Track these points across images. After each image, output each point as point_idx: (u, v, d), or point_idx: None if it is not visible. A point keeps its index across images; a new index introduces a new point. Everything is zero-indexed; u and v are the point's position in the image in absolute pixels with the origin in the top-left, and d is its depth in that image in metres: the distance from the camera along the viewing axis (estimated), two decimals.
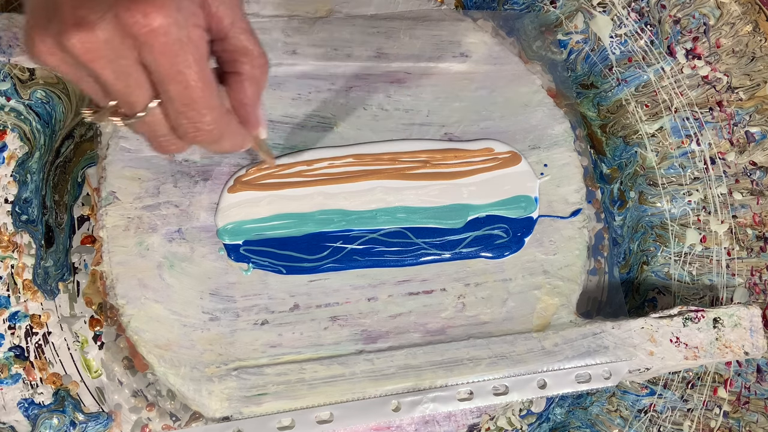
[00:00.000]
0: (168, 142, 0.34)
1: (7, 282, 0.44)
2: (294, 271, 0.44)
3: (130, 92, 0.31)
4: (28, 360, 0.44)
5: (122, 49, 0.29)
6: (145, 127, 0.34)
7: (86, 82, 0.32)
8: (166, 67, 0.30)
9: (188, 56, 0.30)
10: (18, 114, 0.46)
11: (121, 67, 0.30)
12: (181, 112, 0.32)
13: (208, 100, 0.32)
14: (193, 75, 0.31)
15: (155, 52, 0.29)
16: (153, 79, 0.31)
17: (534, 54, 0.54)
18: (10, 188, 0.45)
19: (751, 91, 0.55)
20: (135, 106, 0.32)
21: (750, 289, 0.53)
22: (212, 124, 0.33)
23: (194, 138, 0.33)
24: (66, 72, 0.31)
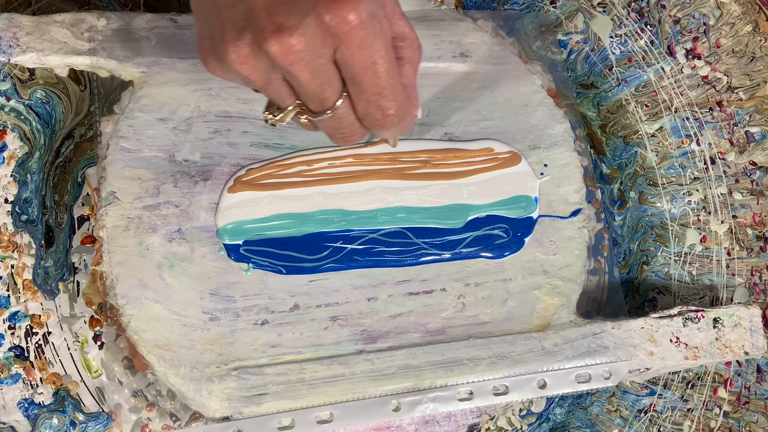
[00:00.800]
0: (352, 132, 0.37)
1: (7, 282, 0.44)
2: (294, 271, 0.44)
3: (323, 89, 0.33)
4: (28, 360, 0.44)
5: (321, 48, 0.31)
6: (332, 122, 0.36)
7: (274, 85, 0.34)
8: (362, 59, 0.32)
9: (380, 46, 0.32)
10: (18, 114, 0.46)
11: (318, 66, 0.32)
12: (371, 101, 0.34)
13: (395, 86, 0.34)
14: (384, 64, 0.33)
15: (353, 46, 0.31)
16: (343, 73, 0.33)
17: (534, 54, 0.54)
18: (10, 188, 0.45)
19: (751, 91, 0.55)
20: (326, 102, 0.34)
21: (750, 289, 0.53)
22: (398, 108, 0.35)
23: (382, 124, 0.35)
24: (255, 79, 0.33)
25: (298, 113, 0.36)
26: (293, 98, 0.35)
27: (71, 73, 0.47)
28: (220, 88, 0.45)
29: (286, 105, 0.35)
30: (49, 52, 0.43)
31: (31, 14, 0.44)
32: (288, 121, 0.36)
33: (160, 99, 0.45)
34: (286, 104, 0.35)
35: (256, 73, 0.33)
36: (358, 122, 0.36)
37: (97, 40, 0.44)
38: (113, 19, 0.45)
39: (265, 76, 0.33)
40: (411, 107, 0.36)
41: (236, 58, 0.32)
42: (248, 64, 0.32)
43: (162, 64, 0.45)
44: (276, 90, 0.34)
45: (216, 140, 0.45)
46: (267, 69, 0.32)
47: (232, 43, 0.32)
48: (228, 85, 0.46)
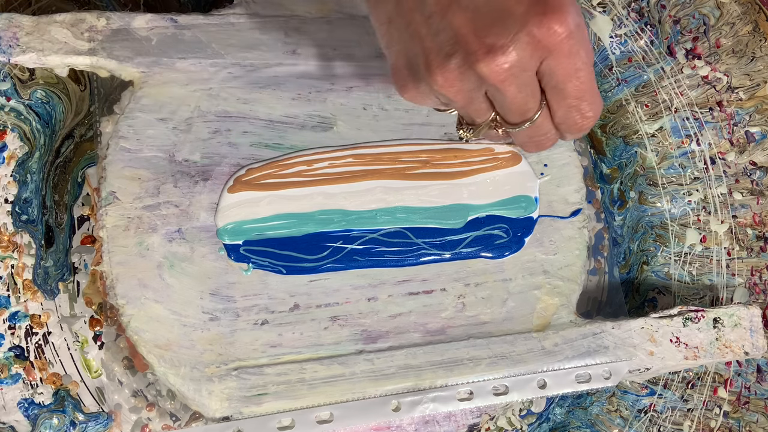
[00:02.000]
0: (547, 138, 0.38)
1: (7, 282, 0.44)
2: (294, 271, 0.44)
3: (527, 101, 0.34)
4: (28, 360, 0.44)
5: (530, 62, 0.32)
6: (530, 131, 0.37)
7: (476, 103, 0.35)
8: (568, 68, 0.33)
9: (584, 53, 0.33)
10: (18, 114, 0.46)
11: (524, 80, 0.33)
12: (573, 106, 0.35)
13: (594, 89, 0.35)
14: (586, 70, 0.34)
15: (561, 56, 0.32)
16: (545, 83, 0.34)
17: None
18: (10, 188, 0.45)
19: (751, 91, 0.55)
20: (528, 113, 0.35)
21: (750, 289, 0.53)
22: (596, 110, 0.36)
23: (581, 127, 0.36)
24: (458, 99, 0.34)
25: (493, 126, 0.37)
26: (490, 113, 0.36)
27: (71, 73, 0.47)
28: (220, 88, 0.45)
29: (483, 119, 0.37)
30: (49, 52, 0.43)
31: (31, 14, 0.44)
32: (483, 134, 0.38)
33: (160, 99, 0.45)
34: (483, 119, 0.37)
35: (460, 95, 0.34)
36: (554, 128, 0.37)
37: (97, 40, 0.44)
38: (113, 19, 0.45)
39: (468, 96, 0.34)
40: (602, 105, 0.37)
41: (444, 82, 0.33)
42: (455, 86, 0.33)
43: (162, 64, 0.45)
44: (476, 108, 0.35)
45: (216, 140, 0.45)
46: (472, 89, 0.34)
47: (439, 69, 0.33)
48: (228, 85, 0.46)
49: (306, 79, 0.47)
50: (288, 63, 0.47)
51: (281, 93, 0.46)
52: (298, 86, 0.47)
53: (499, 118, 0.37)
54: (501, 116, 0.37)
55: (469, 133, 0.39)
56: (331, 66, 0.47)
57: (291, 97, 0.47)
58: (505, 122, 0.37)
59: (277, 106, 0.46)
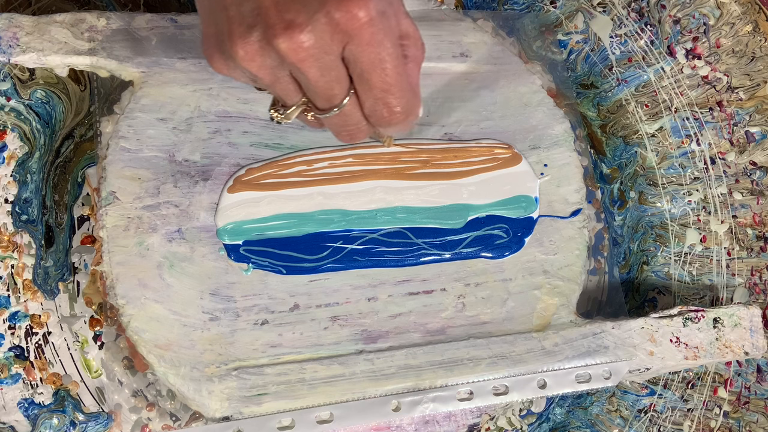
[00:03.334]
0: (358, 129, 0.37)
1: (7, 282, 0.44)
2: (294, 271, 0.44)
3: (331, 86, 0.33)
4: (28, 360, 0.44)
5: (330, 45, 0.31)
6: (339, 119, 0.36)
7: (282, 83, 0.34)
8: (371, 56, 0.32)
9: (389, 43, 0.32)
10: (18, 114, 0.46)
11: (326, 63, 0.32)
12: (379, 98, 0.34)
13: (402, 83, 0.34)
14: (392, 61, 0.33)
15: (363, 43, 0.31)
16: (351, 70, 0.33)
17: (534, 54, 0.54)
18: (10, 188, 0.45)
19: (751, 91, 0.55)
20: (334, 99, 0.34)
21: (750, 289, 0.53)
22: (405, 105, 0.35)
23: (389, 121, 0.36)
24: (262, 76, 0.33)
25: (304, 111, 0.36)
26: (300, 96, 0.35)
27: (71, 73, 0.47)
28: (220, 88, 0.45)
29: (293, 102, 0.35)
30: (49, 52, 0.43)
31: (31, 14, 0.44)
32: (293, 119, 0.36)
33: (160, 99, 0.45)
34: (292, 102, 0.35)
35: (263, 71, 0.33)
36: (364, 119, 0.36)
37: (97, 40, 0.44)
38: (113, 19, 0.45)
39: (272, 73, 0.33)
40: (416, 105, 0.37)
41: (244, 55, 0.32)
42: (256, 61, 0.32)
43: (162, 64, 0.45)
44: (283, 87, 0.34)
45: (216, 140, 0.45)
46: (275, 66, 0.33)
47: (240, 40, 0.32)
48: (228, 85, 0.46)
49: None
50: None
51: None
52: None
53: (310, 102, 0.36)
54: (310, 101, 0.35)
55: (280, 115, 0.37)
56: None
57: None
58: (315, 107, 0.36)
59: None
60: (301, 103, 0.35)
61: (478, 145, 0.48)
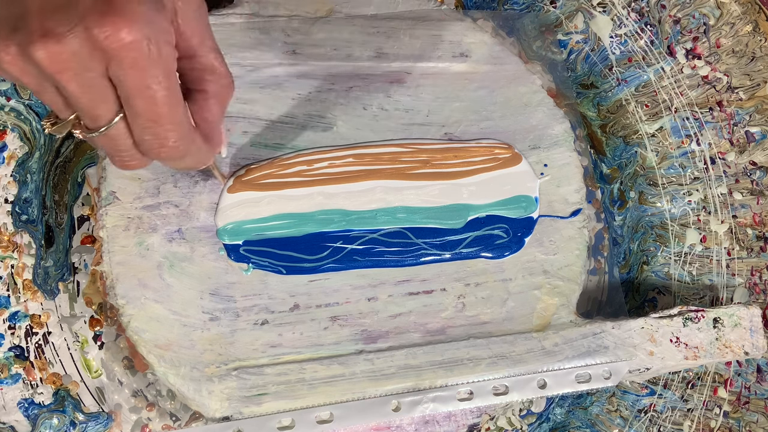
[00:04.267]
0: (130, 157, 0.34)
1: (7, 282, 0.44)
2: (294, 271, 0.44)
3: (95, 105, 0.31)
4: (28, 360, 0.44)
5: (90, 61, 0.29)
6: (107, 142, 0.33)
7: (48, 93, 0.32)
8: (135, 82, 0.30)
9: (157, 72, 0.30)
10: (18, 114, 0.46)
11: (87, 80, 0.30)
12: (146, 128, 0.32)
13: (174, 116, 0.32)
14: (161, 91, 0.31)
15: (125, 66, 0.30)
16: (119, 93, 0.31)
17: (534, 54, 0.54)
18: (10, 188, 0.45)
19: (751, 91, 0.55)
20: (99, 119, 0.32)
21: (750, 289, 0.53)
22: (177, 140, 0.33)
23: (158, 154, 0.33)
24: (28, 83, 0.31)
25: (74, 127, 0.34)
26: (69, 111, 0.33)
27: None
28: None
29: (63, 116, 0.33)
30: None
31: None
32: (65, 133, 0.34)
33: None
34: (62, 115, 0.33)
35: (26, 77, 0.31)
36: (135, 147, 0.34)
37: None
38: None
39: (36, 81, 0.31)
40: (198, 143, 0.35)
41: (5, 58, 0.30)
42: (17, 65, 0.30)
43: None
44: (50, 99, 0.32)
45: None
46: (37, 75, 0.31)
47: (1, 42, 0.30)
48: None
49: (306, 79, 0.47)
50: (288, 63, 0.47)
51: (281, 93, 0.46)
52: (298, 86, 0.47)
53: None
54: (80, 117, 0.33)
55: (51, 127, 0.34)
56: (331, 66, 0.47)
57: (291, 97, 0.47)
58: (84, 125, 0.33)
59: (277, 106, 0.46)
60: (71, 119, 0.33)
61: (478, 145, 0.48)
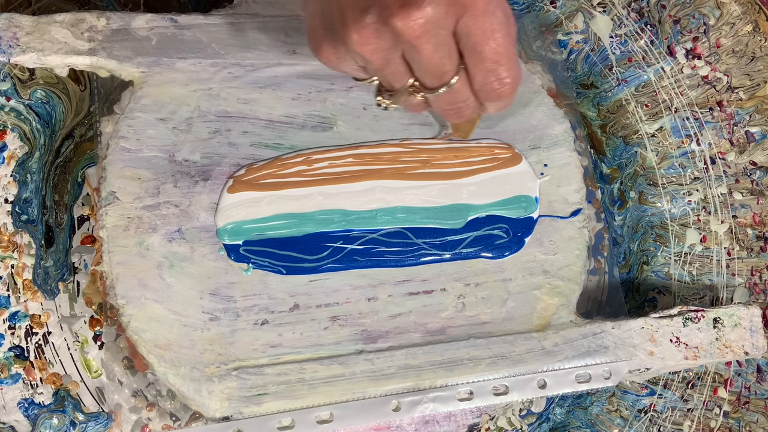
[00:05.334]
0: (466, 105, 0.37)
1: (7, 282, 0.44)
2: (294, 271, 0.44)
3: (444, 62, 0.34)
4: (28, 360, 0.44)
5: (446, 19, 0.32)
6: (449, 96, 0.36)
7: (393, 65, 0.34)
8: (484, 27, 0.33)
9: (501, 14, 0.33)
10: (18, 114, 0.46)
11: (441, 39, 0.33)
12: (490, 70, 0.35)
13: (512, 54, 0.35)
14: (503, 31, 0.33)
15: (478, 14, 0.32)
16: (463, 44, 0.33)
17: (534, 54, 0.54)
18: (10, 188, 0.45)
19: (751, 91, 0.55)
20: (445, 75, 0.35)
21: (750, 289, 0.53)
22: (515, 77, 0.36)
23: (499, 94, 0.36)
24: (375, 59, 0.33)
25: (412, 92, 0.36)
26: (408, 77, 0.35)
27: (71, 73, 0.47)
28: (220, 88, 0.45)
29: (401, 85, 0.36)
30: (49, 52, 0.43)
31: (31, 14, 0.44)
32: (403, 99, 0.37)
33: (160, 99, 0.45)
34: (401, 84, 0.36)
35: (376, 54, 0.33)
36: (473, 95, 0.37)
37: (97, 40, 0.44)
38: (113, 19, 0.45)
39: (384, 56, 0.33)
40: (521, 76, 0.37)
41: (358, 39, 0.32)
42: (371, 44, 0.32)
43: (162, 64, 0.45)
44: (394, 70, 0.35)
45: (216, 140, 0.45)
46: (388, 48, 0.33)
47: (355, 24, 0.32)
48: (228, 85, 0.46)
49: (306, 79, 0.47)
50: (288, 63, 0.47)
51: (281, 93, 0.46)
52: (298, 86, 0.47)
53: (417, 83, 0.36)
54: (419, 80, 0.36)
55: (388, 100, 0.37)
56: None
57: (291, 97, 0.47)
58: (423, 87, 0.36)
59: (277, 106, 0.46)
60: (409, 86, 0.36)
61: (478, 144, 0.48)
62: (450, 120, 0.39)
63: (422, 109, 0.39)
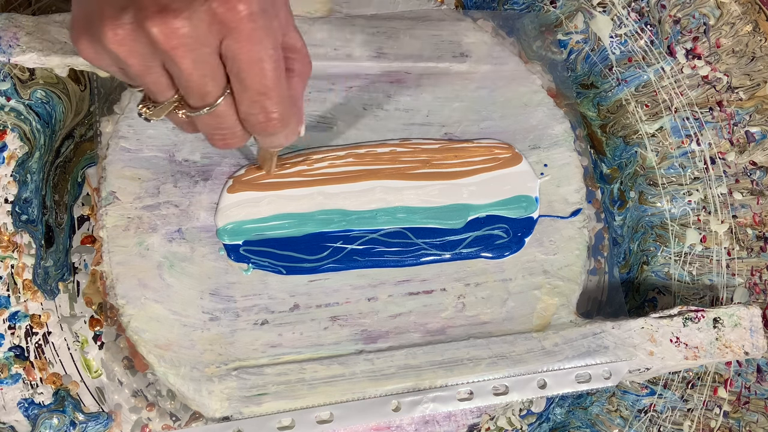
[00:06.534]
0: (232, 134, 0.35)
1: (7, 282, 0.44)
2: (294, 272, 0.44)
3: (206, 82, 0.32)
4: (28, 360, 0.44)
5: (207, 36, 0.30)
6: (212, 120, 0.34)
7: (153, 73, 0.32)
8: (249, 55, 0.31)
9: (269, 44, 0.31)
10: (18, 114, 0.46)
11: (202, 56, 0.30)
12: (255, 101, 0.33)
13: (281, 88, 0.33)
14: (271, 63, 0.32)
15: (242, 38, 0.30)
16: (229, 68, 0.32)
17: (534, 54, 0.54)
18: (10, 188, 0.45)
19: (751, 91, 0.55)
20: (207, 96, 0.32)
21: (750, 289, 0.53)
22: (282, 113, 0.34)
23: (264, 128, 0.34)
24: (132, 63, 0.31)
25: (176, 108, 0.34)
26: (172, 91, 0.33)
27: (71, 73, 0.47)
28: None
29: (164, 98, 0.33)
30: (49, 52, 0.43)
31: (31, 14, 0.44)
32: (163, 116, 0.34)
33: None
34: (164, 97, 0.33)
35: (133, 57, 0.31)
36: (239, 124, 0.35)
37: None
38: None
39: (143, 62, 0.31)
40: (296, 118, 0.35)
41: (113, 37, 0.30)
42: (126, 45, 0.30)
43: None
44: (154, 79, 0.32)
45: None
46: (146, 54, 0.31)
47: (110, 21, 0.30)
48: None
49: None
50: None
51: None
52: None
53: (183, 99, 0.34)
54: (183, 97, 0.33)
55: (150, 111, 0.34)
56: (331, 66, 0.47)
57: None
58: (187, 105, 0.34)
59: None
60: (173, 100, 0.34)
61: (478, 145, 0.48)
62: (217, 147, 0.36)
63: (189, 130, 0.36)
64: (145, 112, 0.34)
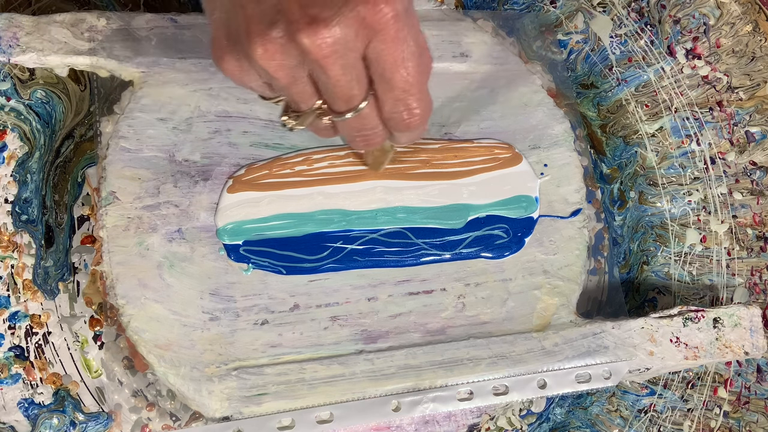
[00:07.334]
0: (375, 134, 0.36)
1: (7, 282, 0.44)
2: (294, 272, 0.44)
3: (352, 86, 0.32)
4: (28, 360, 0.44)
5: (355, 41, 0.30)
6: (357, 122, 0.35)
7: (300, 83, 0.33)
8: (395, 55, 0.31)
9: (412, 42, 0.32)
10: (18, 114, 0.46)
11: (349, 61, 0.31)
12: (399, 100, 0.33)
13: (423, 85, 0.34)
14: (414, 61, 0.32)
15: (388, 40, 0.31)
16: (373, 70, 0.32)
17: (534, 54, 0.54)
18: (10, 188, 0.45)
19: (751, 91, 0.55)
20: (353, 100, 0.33)
21: (750, 289, 0.53)
22: (424, 108, 0.34)
23: (408, 125, 0.35)
24: (280, 76, 0.32)
25: (319, 115, 0.35)
26: (315, 98, 0.34)
27: (71, 73, 0.47)
28: (220, 88, 0.45)
29: (308, 106, 0.34)
30: (49, 52, 0.43)
31: (31, 14, 0.44)
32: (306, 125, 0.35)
33: (160, 99, 0.45)
34: (308, 105, 0.34)
35: (282, 71, 0.32)
36: (381, 123, 0.35)
37: (97, 40, 0.44)
38: (113, 19, 0.45)
39: (290, 73, 0.32)
40: (431, 110, 0.36)
41: (263, 53, 0.31)
42: (276, 59, 0.31)
43: (162, 64, 0.45)
44: (300, 90, 0.33)
45: (216, 140, 0.45)
46: (294, 66, 0.31)
47: (260, 38, 0.30)
48: (228, 85, 0.46)
49: None
50: None
51: None
52: None
53: (325, 106, 0.35)
54: (327, 103, 0.34)
55: (294, 121, 0.35)
56: None
57: None
58: (331, 110, 0.34)
59: (277, 106, 0.46)
60: (316, 108, 0.34)
61: (478, 145, 0.48)
62: (358, 148, 0.37)
63: (330, 135, 0.37)
64: (288, 123, 0.35)
